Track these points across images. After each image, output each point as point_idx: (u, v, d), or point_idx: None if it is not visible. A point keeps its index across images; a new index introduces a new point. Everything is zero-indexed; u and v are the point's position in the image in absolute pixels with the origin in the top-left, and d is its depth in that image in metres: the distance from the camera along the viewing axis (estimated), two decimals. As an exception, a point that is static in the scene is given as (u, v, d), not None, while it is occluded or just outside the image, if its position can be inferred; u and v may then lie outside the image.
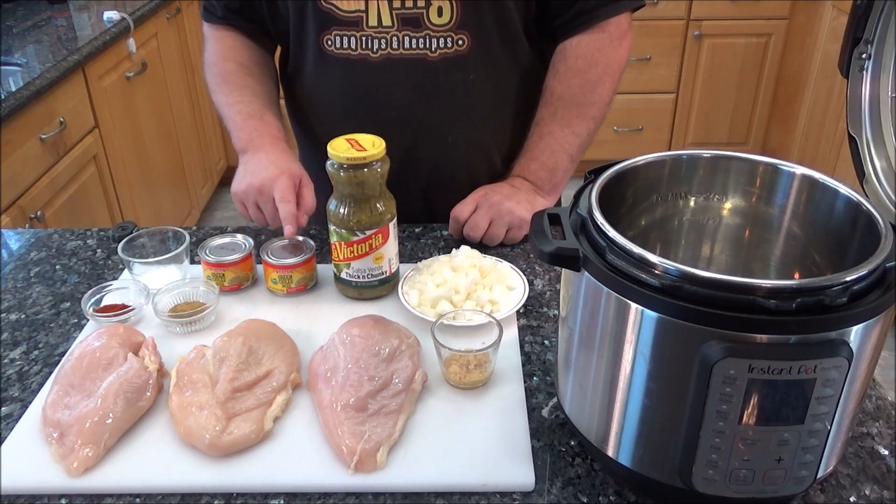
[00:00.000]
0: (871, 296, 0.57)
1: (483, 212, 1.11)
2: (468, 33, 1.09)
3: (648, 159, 0.76)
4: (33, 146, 1.84)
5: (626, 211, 0.77)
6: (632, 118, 3.40)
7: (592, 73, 1.14)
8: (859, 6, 2.36)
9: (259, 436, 0.76)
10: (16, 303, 1.02)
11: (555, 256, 0.63)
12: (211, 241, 1.04)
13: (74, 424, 0.76)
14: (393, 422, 0.77)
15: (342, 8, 1.08)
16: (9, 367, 0.90)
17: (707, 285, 0.56)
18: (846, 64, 2.45)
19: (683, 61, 3.27)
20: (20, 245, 1.18)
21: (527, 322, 0.96)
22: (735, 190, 0.78)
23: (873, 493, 0.71)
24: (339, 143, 0.93)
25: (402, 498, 0.72)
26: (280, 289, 1.01)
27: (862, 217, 0.66)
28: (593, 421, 0.70)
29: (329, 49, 1.11)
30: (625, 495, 0.71)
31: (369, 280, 0.98)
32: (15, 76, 1.89)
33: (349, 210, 0.94)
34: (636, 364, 0.62)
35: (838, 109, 2.65)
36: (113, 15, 2.36)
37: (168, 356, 0.88)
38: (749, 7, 3.12)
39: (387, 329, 0.88)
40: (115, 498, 0.72)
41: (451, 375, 0.84)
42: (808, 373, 0.56)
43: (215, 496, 0.72)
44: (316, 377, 0.83)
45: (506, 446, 0.76)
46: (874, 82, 2.43)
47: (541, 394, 0.84)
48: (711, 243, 0.81)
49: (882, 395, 0.83)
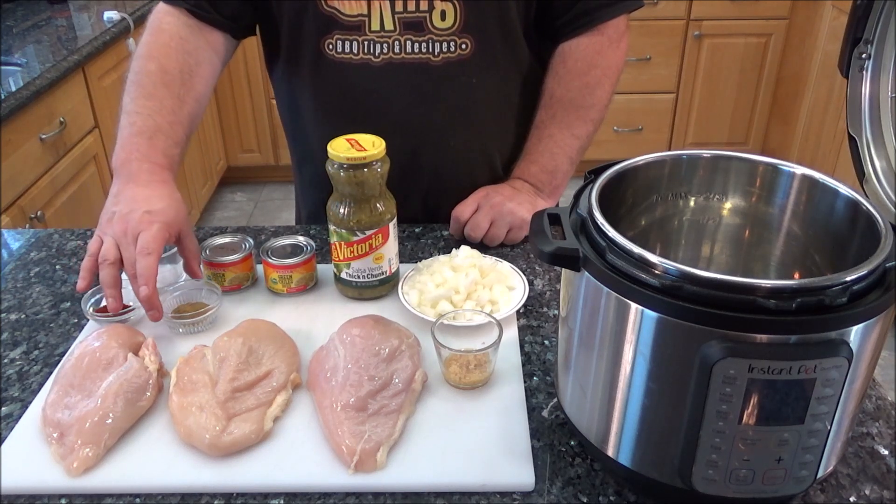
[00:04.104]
0: (871, 296, 0.57)
1: (484, 212, 1.11)
2: (471, 37, 1.08)
3: (648, 159, 0.76)
4: (33, 146, 1.84)
5: (626, 211, 0.77)
6: (631, 118, 3.40)
7: (592, 75, 1.14)
8: (859, 6, 2.36)
9: (259, 436, 0.76)
10: (16, 303, 1.02)
11: (555, 256, 0.63)
12: (211, 241, 1.04)
13: (74, 424, 0.76)
14: (393, 422, 0.77)
15: (345, 12, 1.06)
16: (9, 367, 0.90)
17: (707, 285, 0.56)
18: (846, 64, 2.45)
19: (683, 61, 3.27)
20: (20, 245, 1.18)
21: (527, 322, 0.96)
22: (735, 190, 0.78)
23: (873, 493, 0.71)
24: (339, 143, 0.93)
25: (402, 498, 0.72)
26: (280, 289, 1.01)
27: (862, 217, 0.66)
28: (593, 421, 0.70)
29: (329, 53, 1.09)
30: (625, 495, 0.71)
31: (369, 280, 0.98)
32: (15, 76, 1.89)
33: (349, 210, 0.94)
34: (636, 364, 0.62)
35: (838, 109, 2.65)
36: (113, 15, 2.36)
37: (168, 356, 0.88)
38: (749, 7, 3.12)
39: (387, 329, 0.88)
40: (115, 498, 0.72)
41: (451, 375, 0.84)
42: (808, 373, 0.56)
43: (215, 496, 0.72)
44: (316, 377, 0.83)
45: (506, 446, 0.76)
46: (874, 82, 2.43)
47: (541, 394, 0.84)
48: (711, 243, 0.81)
49: (882, 395, 0.83)
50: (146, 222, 0.90)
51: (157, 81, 1.03)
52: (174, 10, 1.08)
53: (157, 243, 0.88)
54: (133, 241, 0.89)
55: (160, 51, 1.05)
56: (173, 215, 0.93)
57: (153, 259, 0.87)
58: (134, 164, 0.97)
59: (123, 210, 0.92)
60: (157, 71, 1.04)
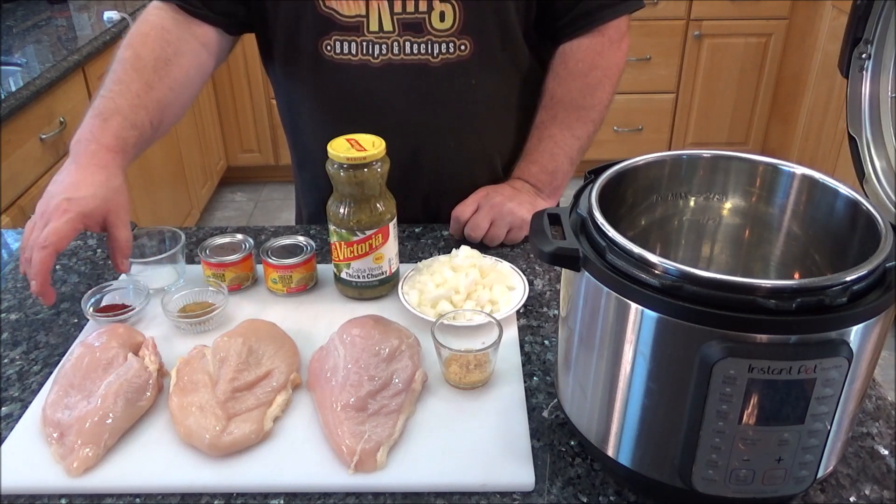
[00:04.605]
0: (871, 296, 0.57)
1: (484, 212, 1.11)
2: (470, 38, 1.07)
3: (648, 159, 0.76)
4: (33, 146, 1.84)
5: (626, 211, 0.77)
6: (631, 118, 3.40)
7: (593, 76, 1.14)
8: (859, 6, 2.36)
9: (259, 436, 0.76)
10: (16, 303, 1.02)
11: (555, 256, 0.63)
12: (211, 241, 1.04)
13: (74, 424, 0.76)
14: (393, 422, 0.77)
15: (342, 12, 1.05)
16: (9, 367, 0.90)
17: (707, 285, 0.56)
18: (846, 64, 2.45)
19: (683, 61, 3.27)
20: (20, 245, 1.17)
21: (527, 322, 0.96)
22: (735, 190, 0.78)
23: (873, 493, 0.71)
24: (339, 143, 0.93)
25: (402, 498, 0.72)
26: (280, 289, 1.01)
27: (862, 217, 0.66)
28: (593, 421, 0.70)
29: (328, 55, 1.08)
30: (625, 495, 0.71)
31: (369, 280, 0.98)
32: (15, 76, 1.89)
33: (349, 210, 0.94)
34: (636, 364, 0.62)
35: (838, 109, 2.65)
36: (113, 15, 2.36)
37: (168, 356, 0.88)
38: (749, 7, 3.12)
39: (387, 329, 0.88)
40: (115, 498, 0.72)
41: (451, 375, 0.84)
42: (808, 373, 0.56)
43: (215, 496, 0.72)
44: (316, 377, 0.83)
45: (506, 446, 0.76)
46: (874, 82, 2.43)
47: (541, 394, 0.84)
48: (711, 243, 0.81)
49: (882, 395, 0.83)
50: (60, 210, 0.88)
51: (127, 67, 1.03)
52: (164, 4, 1.08)
53: (58, 236, 0.86)
54: (42, 228, 0.87)
55: (137, 39, 1.05)
56: (95, 205, 0.91)
57: (48, 253, 0.85)
58: (82, 144, 0.96)
59: (51, 192, 0.91)
60: (130, 58, 1.03)
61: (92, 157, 0.95)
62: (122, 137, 0.98)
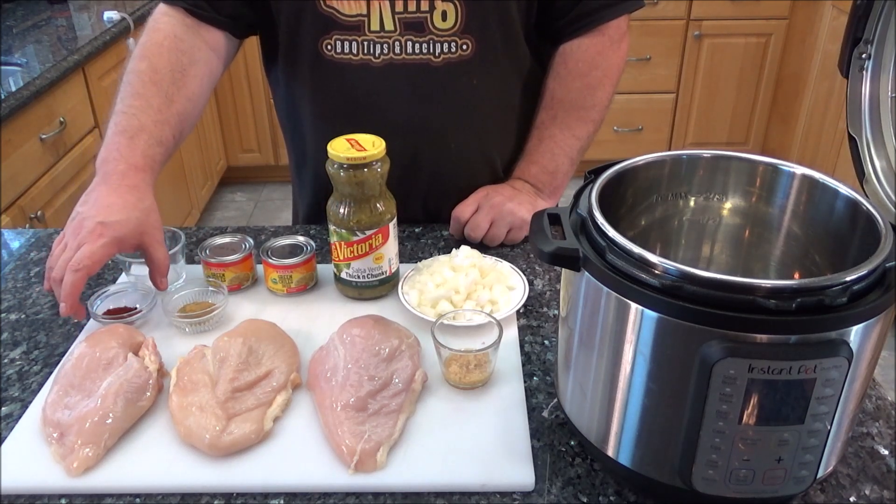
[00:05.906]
0: (871, 296, 0.57)
1: (484, 212, 1.11)
2: (472, 38, 1.07)
3: (648, 159, 0.76)
4: (33, 146, 1.84)
5: (626, 211, 0.77)
6: (631, 118, 3.40)
7: (593, 76, 1.14)
8: (859, 6, 2.36)
9: (259, 436, 0.76)
10: (16, 303, 1.02)
11: (555, 256, 0.63)
12: (211, 241, 1.04)
13: (74, 424, 0.76)
14: (393, 422, 0.77)
15: (343, 12, 1.05)
16: (9, 367, 0.90)
17: (707, 285, 0.56)
18: (846, 64, 2.45)
19: (683, 61, 3.27)
20: (20, 245, 1.18)
21: (527, 322, 0.96)
22: (735, 190, 0.78)
23: (873, 493, 0.71)
24: (339, 143, 0.93)
25: (402, 498, 0.72)
26: (280, 289, 1.01)
27: (862, 217, 0.66)
28: (593, 421, 0.70)
29: (329, 54, 1.08)
30: (625, 495, 0.71)
31: (369, 280, 0.98)
32: (15, 76, 1.89)
33: (349, 210, 0.94)
34: (636, 364, 0.62)
35: (838, 109, 2.65)
36: (113, 15, 2.36)
37: (168, 356, 0.88)
38: (749, 7, 3.12)
39: (387, 329, 0.88)
40: (115, 498, 0.72)
41: (451, 375, 0.84)
42: (808, 373, 0.56)
43: (215, 496, 0.72)
44: (316, 377, 0.83)
45: (506, 446, 0.76)
46: (874, 82, 2.43)
47: (541, 394, 0.84)
48: (711, 243, 0.81)
49: (882, 395, 0.83)
50: (95, 235, 0.88)
51: (146, 80, 1.02)
52: (172, 10, 1.08)
53: (92, 260, 0.86)
54: (75, 249, 0.87)
55: (152, 50, 1.04)
56: (130, 229, 0.90)
57: (80, 276, 0.85)
58: (111, 164, 0.95)
59: (83, 214, 0.91)
60: (147, 70, 1.02)
61: (122, 177, 0.94)
62: (150, 155, 0.98)
